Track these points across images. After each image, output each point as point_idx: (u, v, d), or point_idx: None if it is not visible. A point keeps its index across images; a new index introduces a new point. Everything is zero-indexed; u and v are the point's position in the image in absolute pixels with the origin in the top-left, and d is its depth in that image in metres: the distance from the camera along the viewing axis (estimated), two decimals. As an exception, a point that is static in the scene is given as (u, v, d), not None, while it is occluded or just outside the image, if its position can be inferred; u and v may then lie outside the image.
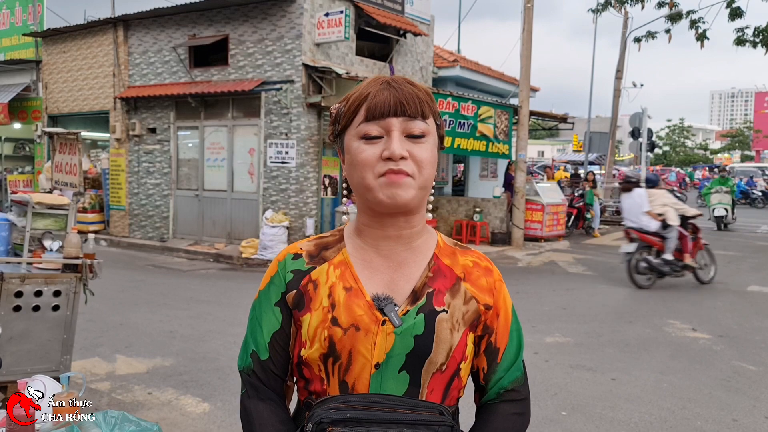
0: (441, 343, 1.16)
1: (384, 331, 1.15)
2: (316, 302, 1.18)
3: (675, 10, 15.48)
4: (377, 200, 1.15)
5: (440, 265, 1.23)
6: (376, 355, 1.14)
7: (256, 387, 1.22)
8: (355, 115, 1.17)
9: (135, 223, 13.40)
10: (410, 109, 1.14)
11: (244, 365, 1.25)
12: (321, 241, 1.27)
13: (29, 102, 15.27)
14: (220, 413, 4.27)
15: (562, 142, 56.79)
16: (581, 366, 5.47)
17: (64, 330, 3.88)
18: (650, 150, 24.73)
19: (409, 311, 1.16)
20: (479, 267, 1.27)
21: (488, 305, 1.24)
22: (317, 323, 1.16)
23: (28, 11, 15.57)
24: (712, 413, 4.50)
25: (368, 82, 1.20)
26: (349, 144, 1.18)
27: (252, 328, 1.25)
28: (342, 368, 1.15)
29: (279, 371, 1.23)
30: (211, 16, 11.95)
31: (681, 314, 7.48)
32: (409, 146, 1.14)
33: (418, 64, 13.70)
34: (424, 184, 1.16)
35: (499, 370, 1.26)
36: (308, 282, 1.21)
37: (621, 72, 22.29)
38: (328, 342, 1.14)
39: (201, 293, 8.51)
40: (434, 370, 1.17)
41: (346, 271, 1.20)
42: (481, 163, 16.86)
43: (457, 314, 1.19)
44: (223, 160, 12.15)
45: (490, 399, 1.27)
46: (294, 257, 1.25)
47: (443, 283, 1.21)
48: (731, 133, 74.94)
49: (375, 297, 1.17)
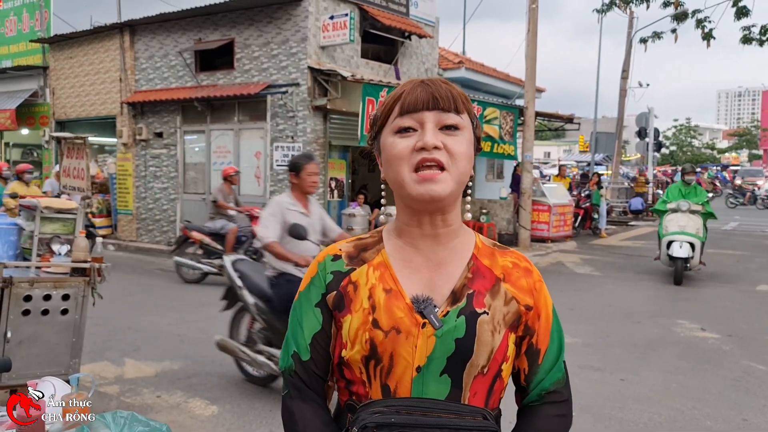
0: (482, 346, 1.15)
1: (424, 333, 1.14)
2: (356, 304, 1.18)
3: (680, 9, 15.42)
4: (411, 196, 1.14)
5: (479, 266, 1.22)
6: (417, 359, 1.13)
7: (299, 387, 1.22)
8: (390, 113, 1.18)
9: (142, 227, 13.45)
10: (444, 103, 1.15)
11: (286, 366, 1.25)
12: (360, 243, 1.27)
13: (37, 108, 15.37)
14: (229, 416, 4.28)
15: (568, 142, 56.71)
16: (589, 366, 5.46)
17: (73, 333, 3.90)
18: (657, 150, 24.68)
19: (449, 313, 1.16)
20: (519, 267, 1.25)
21: (529, 306, 1.23)
22: (358, 325, 1.16)
23: (35, 18, 15.68)
24: (722, 413, 4.47)
25: (402, 84, 1.21)
26: (384, 141, 1.19)
27: (293, 329, 1.25)
28: (384, 371, 1.15)
29: (320, 372, 1.23)
30: (216, 21, 12.00)
31: (689, 314, 7.45)
32: (443, 138, 1.14)
33: (423, 66, 13.71)
34: (459, 178, 1.15)
35: (541, 371, 1.24)
36: (348, 283, 1.21)
37: (627, 72, 22.26)
38: (369, 344, 1.14)
39: (209, 297, 8.51)
40: (476, 373, 1.16)
41: (386, 273, 1.20)
42: (488, 164, 16.85)
43: (497, 316, 1.18)
44: (229, 164, 12.18)
45: (532, 401, 1.26)
46: (333, 258, 1.25)
47: (483, 284, 1.20)
48: (738, 132, 74.66)
49: (414, 299, 1.17)
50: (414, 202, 1.16)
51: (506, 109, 13.26)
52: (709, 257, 12.32)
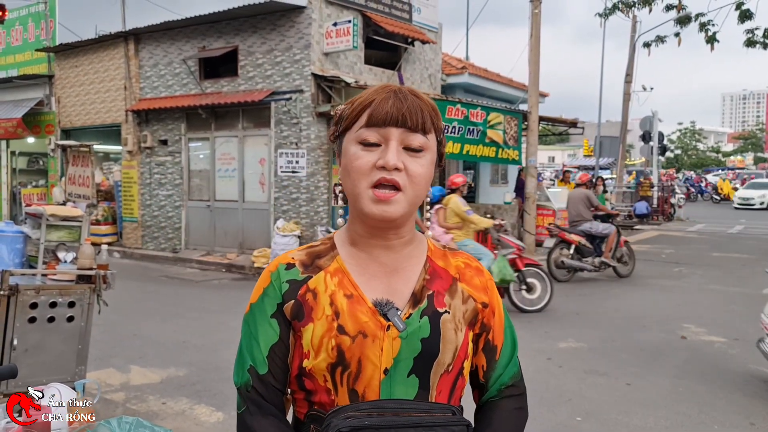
0: (447, 344, 1.17)
1: (389, 336, 1.14)
2: (317, 311, 1.16)
3: (683, 12, 15.42)
4: (365, 212, 1.15)
5: (435, 267, 1.24)
6: (384, 361, 1.14)
7: (258, 403, 1.19)
8: (357, 119, 1.17)
9: (147, 235, 13.48)
10: (411, 121, 1.14)
11: (242, 382, 1.21)
12: (312, 250, 1.26)
13: (42, 116, 15.44)
14: (234, 422, 4.27)
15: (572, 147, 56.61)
16: (595, 371, 5.44)
17: (79, 340, 3.91)
18: (661, 153, 24.64)
19: (412, 315, 1.17)
20: (471, 267, 1.28)
21: (485, 303, 1.26)
22: (322, 333, 1.14)
23: (40, 27, 15.77)
24: (729, 418, 4.45)
25: (376, 89, 1.19)
26: (347, 147, 1.18)
27: (247, 342, 1.22)
28: (351, 377, 1.14)
29: (279, 385, 1.20)
30: (220, 28, 12.05)
31: (695, 318, 7.42)
32: (405, 158, 1.14)
33: (427, 72, 13.73)
34: (413, 200, 1.16)
35: (499, 366, 1.28)
36: (306, 291, 1.19)
37: (630, 76, 22.22)
38: (336, 351, 1.13)
39: (213, 303, 8.54)
40: (442, 371, 1.17)
41: (344, 279, 1.19)
42: (492, 169, 16.84)
43: (458, 314, 1.20)
44: (234, 171, 12.22)
45: (492, 396, 1.28)
46: (287, 267, 1.22)
47: (441, 285, 1.22)
48: (744, 135, 74.41)
49: (376, 302, 1.17)
50: (367, 219, 1.17)
51: (510, 114, 13.26)
52: (716, 261, 12.30)
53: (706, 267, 11.51)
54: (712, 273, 10.59)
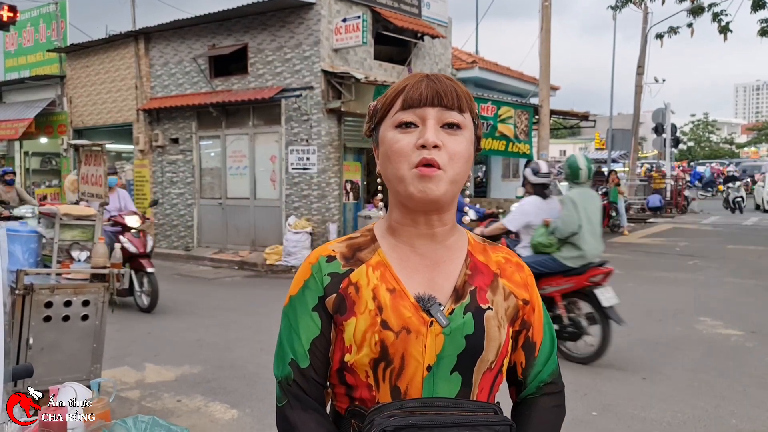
0: (491, 342, 1.15)
1: (432, 332, 1.12)
2: (360, 305, 1.14)
3: (697, 3, 15.26)
4: (408, 193, 1.12)
5: (476, 262, 1.22)
6: (427, 358, 1.12)
7: (299, 397, 1.16)
8: (391, 107, 1.16)
9: (160, 233, 13.55)
10: (447, 100, 1.13)
11: (282, 375, 1.18)
12: (353, 242, 1.23)
13: (55, 116, 15.55)
14: (249, 419, 4.28)
15: (584, 140, 56.26)
16: (611, 365, 5.40)
17: (94, 339, 3.93)
18: (674, 146, 24.46)
19: (455, 310, 1.15)
20: (511, 263, 1.26)
21: (526, 300, 1.24)
22: (365, 327, 1.12)
23: (51, 28, 15.87)
24: (747, 411, 4.40)
25: (407, 77, 1.18)
26: (384, 135, 1.16)
27: (288, 335, 1.19)
28: (394, 373, 1.12)
29: (320, 379, 1.18)
30: (230, 26, 12.07)
31: (711, 311, 7.35)
32: (443, 137, 1.12)
33: (437, 67, 13.68)
34: (455, 178, 1.13)
35: (538, 363, 1.26)
36: (348, 285, 1.16)
37: (642, 68, 22.03)
38: (379, 346, 1.11)
39: (226, 301, 8.56)
40: (485, 369, 1.15)
41: (386, 272, 1.17)
42: (503, 164, 16.77)
43: (500, 311, 1.19)
44: (245, 168, 12.24)
45: (531, 393, 1.26)
46: (328, 260, 1.20)
47: (483, 280, 1.20)
48: (757, 126, 73.57)
49: (418, 297, 1.15)
50: (410, 201, 1.14)
51: (521, 108, 13.19)
52: (731, 253, 12.18)
53: (721, 260, 11.40)
54: (728, 266, 10.47)
